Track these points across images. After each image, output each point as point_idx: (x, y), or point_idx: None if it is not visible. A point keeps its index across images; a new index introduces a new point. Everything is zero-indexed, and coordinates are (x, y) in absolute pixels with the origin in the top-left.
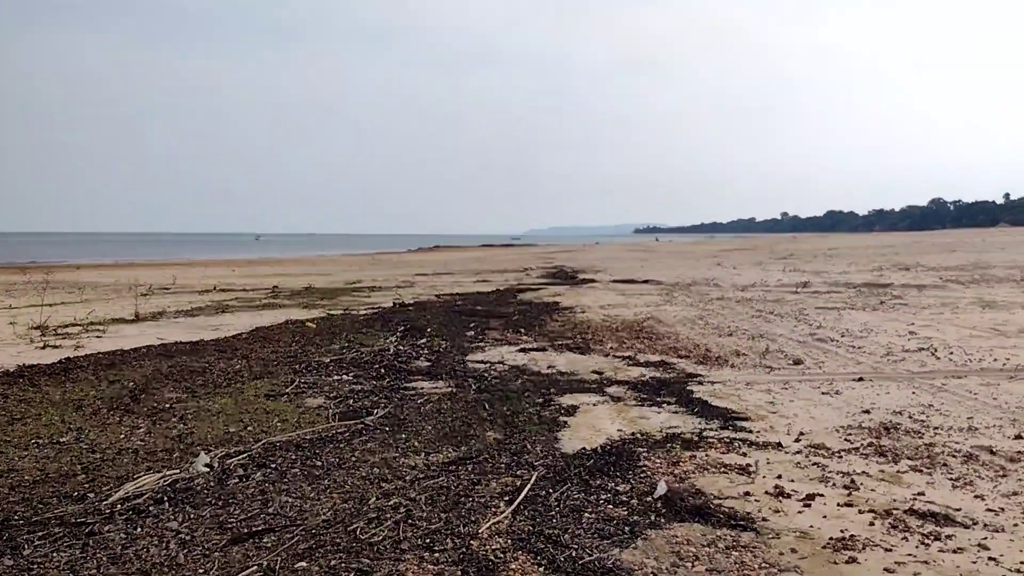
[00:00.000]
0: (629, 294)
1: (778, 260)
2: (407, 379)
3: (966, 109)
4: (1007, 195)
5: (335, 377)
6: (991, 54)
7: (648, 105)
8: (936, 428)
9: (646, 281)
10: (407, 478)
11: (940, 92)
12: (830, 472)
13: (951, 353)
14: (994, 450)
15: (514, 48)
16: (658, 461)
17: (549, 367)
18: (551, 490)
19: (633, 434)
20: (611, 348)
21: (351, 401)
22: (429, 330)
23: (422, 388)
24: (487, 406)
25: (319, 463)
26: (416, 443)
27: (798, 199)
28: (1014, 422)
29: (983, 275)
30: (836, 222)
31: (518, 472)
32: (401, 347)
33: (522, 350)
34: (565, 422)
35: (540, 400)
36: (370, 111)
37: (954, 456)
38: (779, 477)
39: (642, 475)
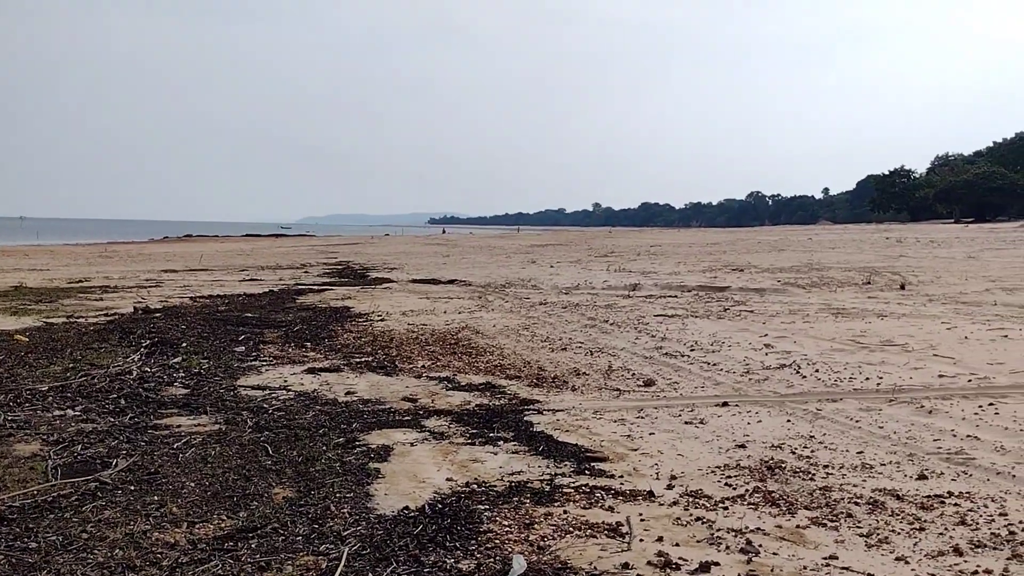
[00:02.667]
0: (435, 297)
1: (599, 258)
2: (157, 413)
3: (785, 98)
4: (826, 190)
5: (56, 412)
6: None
7: (446, 79)
8: (826, 467)
9: (452, 281)
10: (164, 563)
11: (762, 77)
12: (719, 530)
13: (817, 370)
14: (900, 495)
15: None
16: (506, 523)
17: (348, 393)
18: (371, 574)
19: (468, 484)
20: (423, 367)
21: (79, 447)
22: (185, 345)
23: (179, 426)
24: (270, 450)
25: (33, 545)
26: (175, 508)
27: (611, 189)
28: (911, 457)
29: (821, 277)
30: (652, 215)
31: (322, 547)
32: (148, 368)
33: (310, 371)
34: (377, 470)
35: (341, 440)
36: (97, 66)
37: (857, 504)
38: (660, 540)
39: (489, 546)
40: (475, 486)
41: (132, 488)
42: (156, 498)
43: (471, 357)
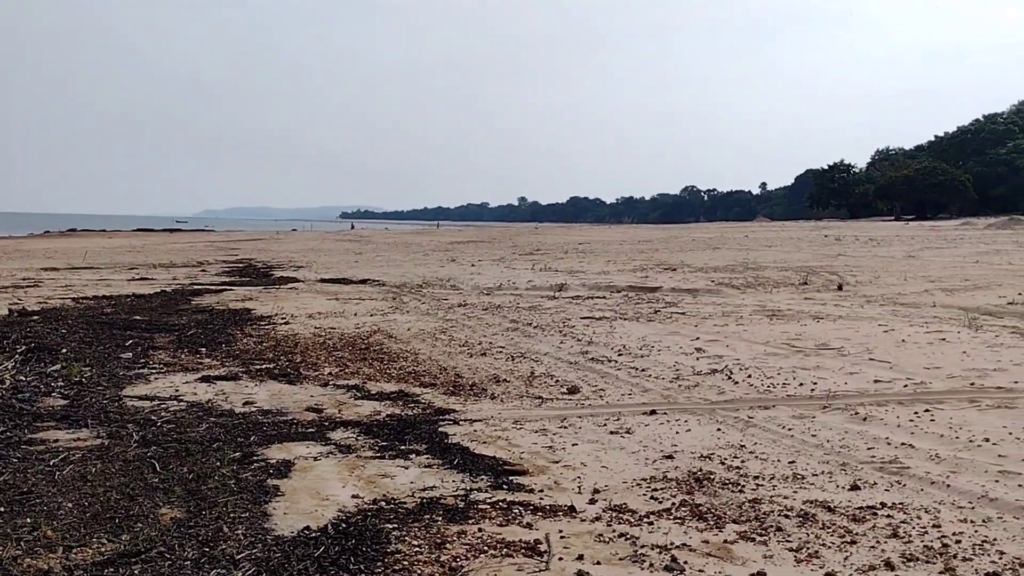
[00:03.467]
0: (345, 298)
1: (524, 256)
2: (32, 427)
3: (721, 88)
4: (763, 185)
5: None
6: (746, 25)
7: (361, 62)
8: (757, 478)
9: (364, 281)
10: None
11: (698, 66)
12: (643, 547)
13: (749, 376)
14: (832, 506)
15: None
16: (416, 543)
17: (246, 403)
18: None
19: (375, 502)
20: (330, 374)
21: None
22: (65, 351)
23: (56, 441)
24: (158, 466)
25: None
26: (50, 531)
27: (538, 183)
28: (843, 466)
29: (757, 277)
30: (581, 210)
31: (212, 573)
32: (23, 377)
33: (205, 379)
34: (276, 487)
35: (237, 455)
36: None
37: (787, 516)
38: (581, 558)
39: (397, 568)
40: (383, 503)
41: (1, 509)
42: (29, 520)
43: (383, 363)
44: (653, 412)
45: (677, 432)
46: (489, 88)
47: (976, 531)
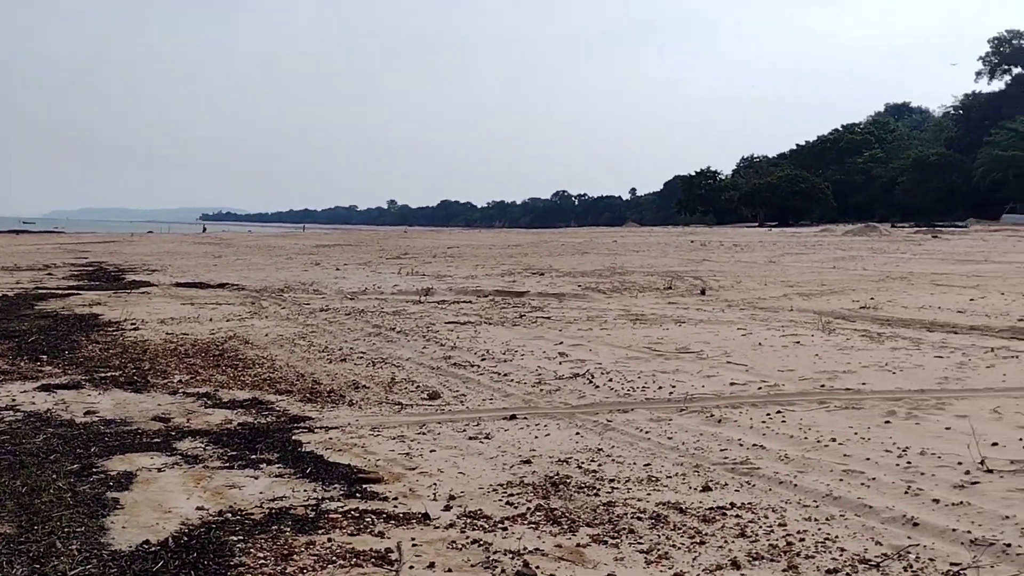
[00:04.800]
0: (201, 303)
1: (391, 260)
2: None
3: (592, 93)
4: (633, 190)
5: None
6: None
7: (222, 55)
8: (612, 481)
9: (222, 285)
10: None
11: (571, 70)
12: (496, 553)
13: (610, 380)
14: (684, 508)
15: None
16: (262, 555)
17: (88, 413)
18: None
19: (221, 513)
20: (180, 381)
21: None
22: None
23: None
24: None
25: None
26: None
27: (408, 186)
28: (697, 468)
29: (623, 282)
30: (452, 214)
31: None
32: None
33: (45, 388)
34: (116, 500)
35: (76, 467)
36: None
37: (640, 518)
38: (432, 566)
39: None
40: (230, 515)
41: None
42: None
43: (237, 370)
44: (513, 417)
45: (536, 437)
46: (356, 88)
47: (819, 529)
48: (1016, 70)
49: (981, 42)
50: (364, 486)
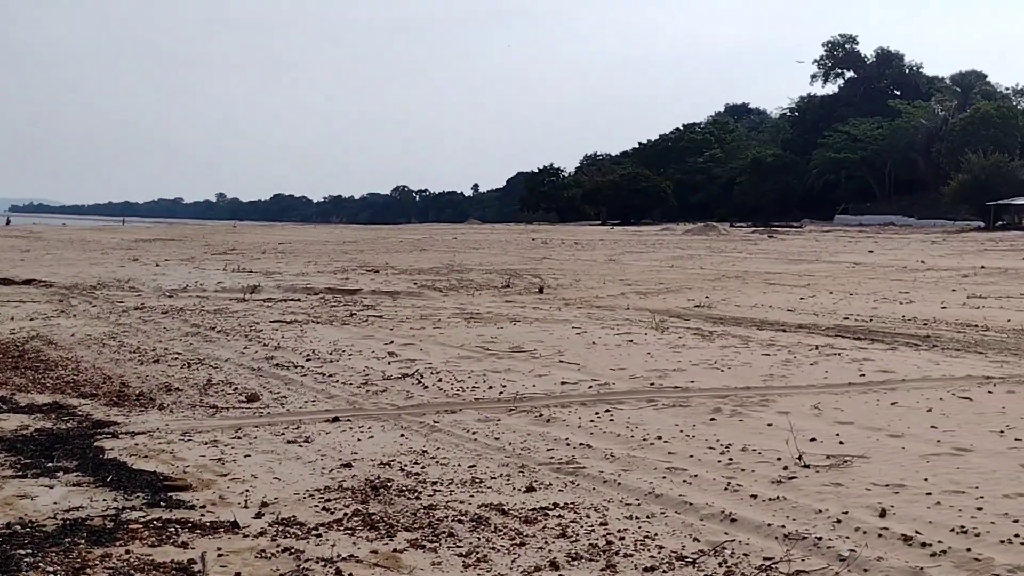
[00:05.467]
0: (2, 301)
1: (217, 256)
2: None
3: (428, 85)
4: (476, 186)
5: None
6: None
7: (40, 36)
8: (435, 483)
9: (29, 282)
10: None
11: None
12: (308, 561)
13: (440, 380)
14: (506, 509)
15: None
16: (52, 569)
17: None
18: None
19: (10, 526)
20: None
21: None
22: None
23: None
24: None
25: None
26: None
27: (239, 178)
28: (522, 469)
29: (461, 280)
30: (286, 208)
31: None
32: None
33: None
34: None
35: None
36: None
37: (461, 521)
38: None
39: None
40: (19, 527)
41: None
42: None
43: (37, 372)
44: (336, 419)
45: (359, 439)
46: (180, 73)
47: (640, 527)
48: (849, 74)
49: (817, 46)
50: (170, 494)
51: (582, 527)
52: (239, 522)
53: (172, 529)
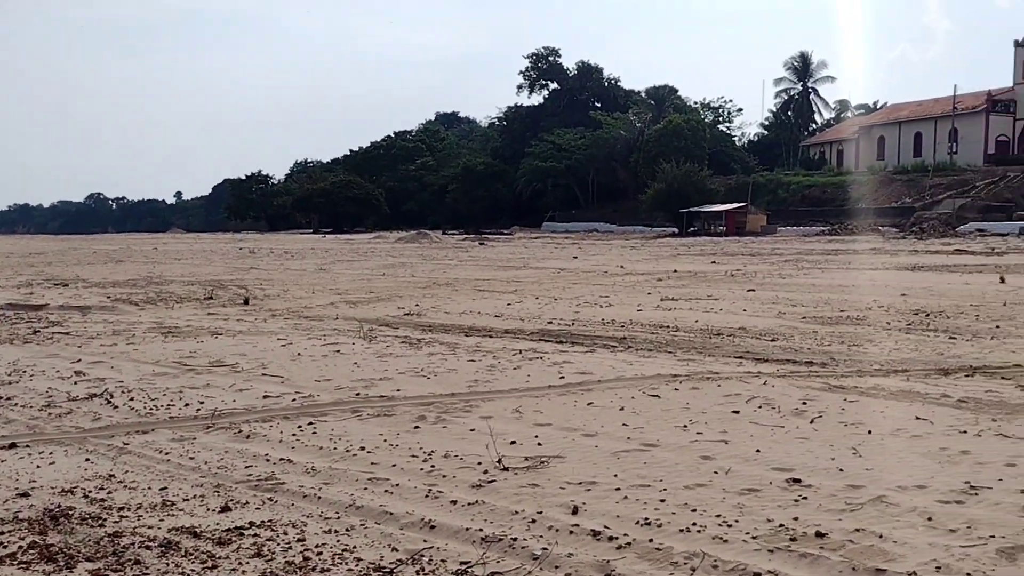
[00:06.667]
0: None
1: None
2: None
3: (128, 87)
4: (179, 194)
5: None
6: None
7: None
8: (122, 509)
9: None
10: None
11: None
12: None
13: (132, 399)
14: (199, 532)
15: None
16: None
17: None
18: None
19: None
20: None
21: None
22: None
23: None
24: None
25: None
26: None
27: None
28: (218, 488)
29: (160, 292)
30: None
31: None
32: None
33: None
34: None
35: None
36: None
37: (149, 547)
38: None
39: None
40: None
41: None
42: None
43: None
44: (13, 445)
45: (39, 466)
46: None
47: (338, 541)
48: (553, 85)
49: (524, 58)
50: None
51: (279, 545)
52: None
53: None
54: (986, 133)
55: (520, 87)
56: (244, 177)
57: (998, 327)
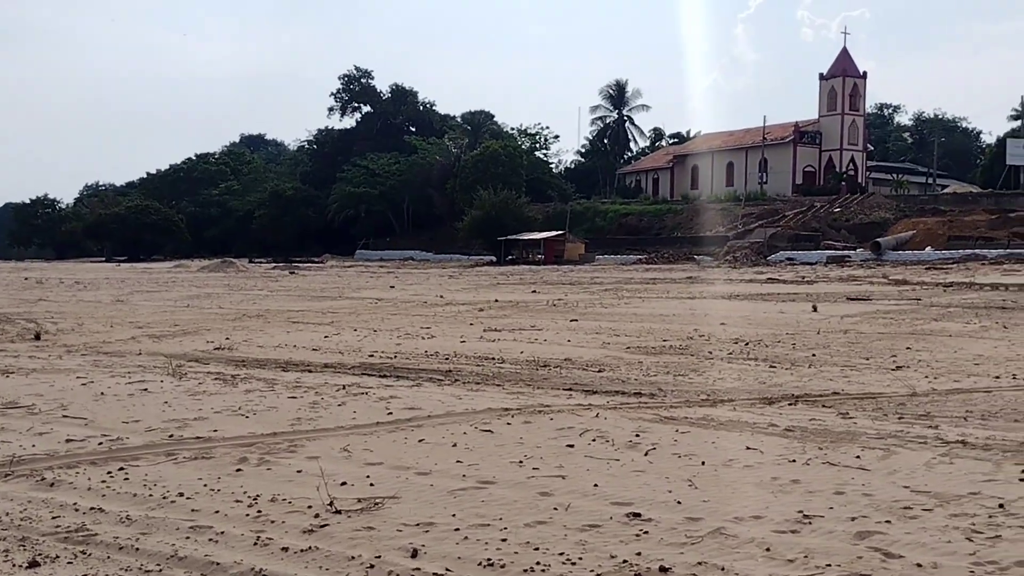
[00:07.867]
0: None
1: None
2: None
3: None
4: None
5: None
6: None
7: None
8: None
9: None
10: None
11: None
12: None
13: None
14: None
15: None
16: None
17: None
18: None
19: None
20: None
21: None
22: None
23: None
24: None
25: None
26: None
27: None
28: (23, 541)
29: None
30: None
31: None
32: None
33: None
34: None
35: None
36: None
37: None
38: None
39: None
40: None
41: None
42: None
43: None
44: None
45: None
46: None
47: None
48: (366, 108)
49: (336, 79)
50: None
51: None
52: None
53: None
54: (794, 163)
55: (331, 109)
56: (29, 201)
57: (814, 355)
